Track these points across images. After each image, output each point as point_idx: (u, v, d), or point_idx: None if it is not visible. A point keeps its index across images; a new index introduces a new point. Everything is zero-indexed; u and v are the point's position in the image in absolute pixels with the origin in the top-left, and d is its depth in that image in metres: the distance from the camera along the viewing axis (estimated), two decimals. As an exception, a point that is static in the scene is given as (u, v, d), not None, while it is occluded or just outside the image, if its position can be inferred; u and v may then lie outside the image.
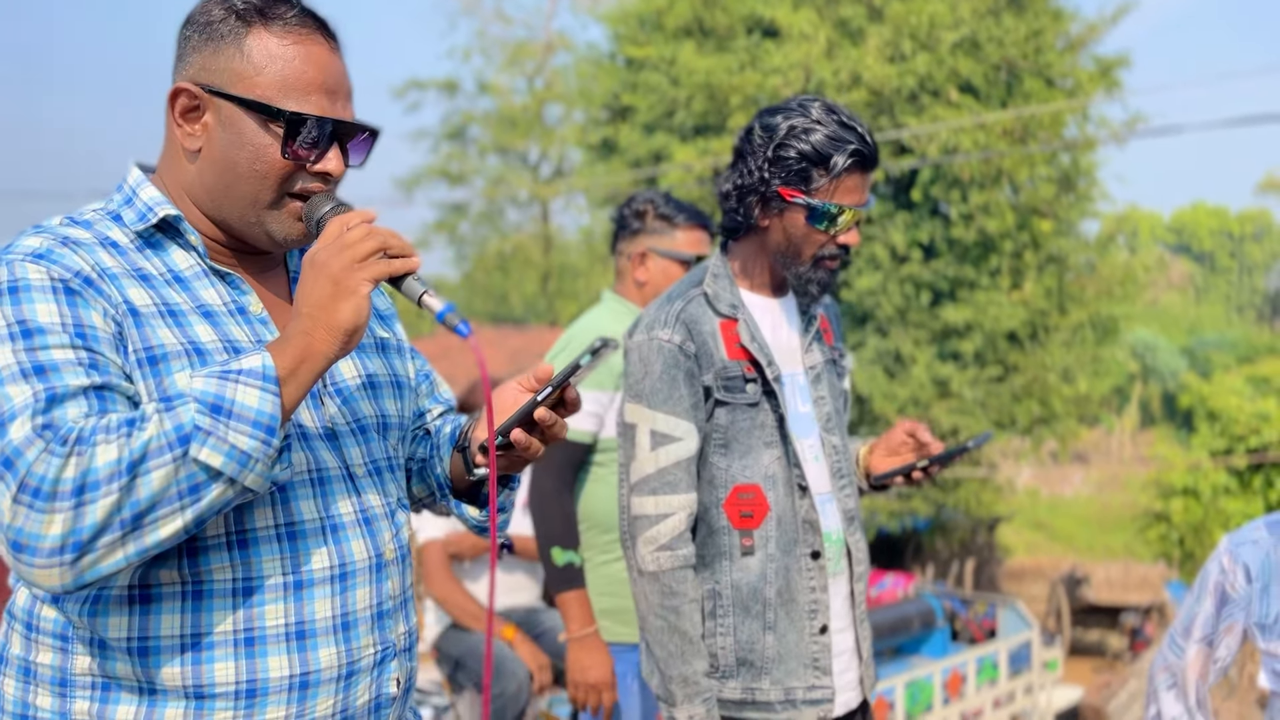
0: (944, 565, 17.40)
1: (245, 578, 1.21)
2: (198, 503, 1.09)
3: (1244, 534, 2.03)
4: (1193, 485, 18.37)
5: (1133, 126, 14.69)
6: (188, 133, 1.27)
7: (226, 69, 1.25)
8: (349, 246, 1.16)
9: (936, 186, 13.84)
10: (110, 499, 1.05)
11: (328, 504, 1.27)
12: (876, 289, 13.78)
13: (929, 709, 6.53)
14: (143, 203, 1.27)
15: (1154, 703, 2.11)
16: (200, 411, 1.08)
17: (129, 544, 1.07)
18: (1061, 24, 14.33)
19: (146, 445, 1.06)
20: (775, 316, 2.03)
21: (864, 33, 13.88)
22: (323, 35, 1.28)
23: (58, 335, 1.12)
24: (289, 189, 1.26)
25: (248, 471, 1.10)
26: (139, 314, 1.20)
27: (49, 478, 1.04)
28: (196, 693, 1.19)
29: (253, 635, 1.21)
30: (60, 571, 1.06)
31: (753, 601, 1.92)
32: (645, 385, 1.91)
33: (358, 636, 1.28)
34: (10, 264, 1.16)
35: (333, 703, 1.26)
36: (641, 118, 15.10)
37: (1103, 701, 7.13)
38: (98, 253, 1.21)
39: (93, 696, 1.20)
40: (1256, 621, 1.97)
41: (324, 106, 1.26)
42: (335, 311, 1.14)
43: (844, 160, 1.87)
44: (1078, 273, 15.26)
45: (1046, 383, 14.28)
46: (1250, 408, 18.45)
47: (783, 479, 1.95)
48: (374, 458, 1.35)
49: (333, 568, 1.26)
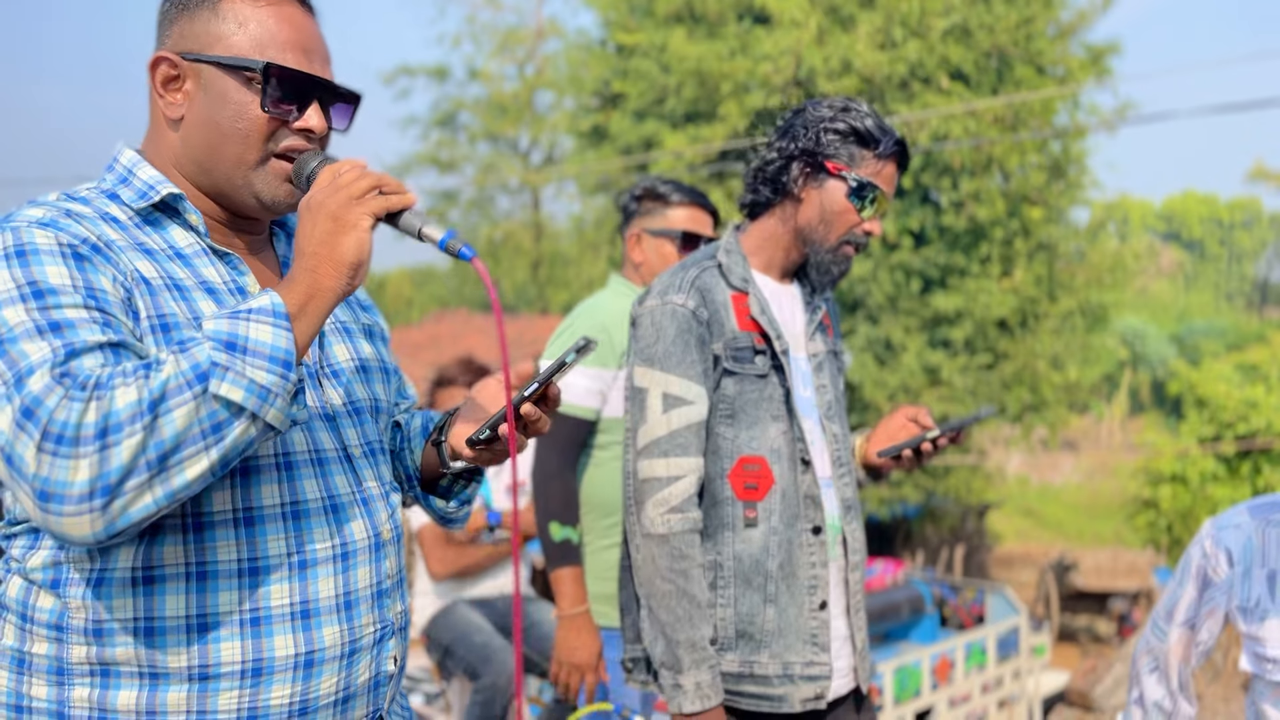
0: (934, 552, 17.48)
1: (250, 557, 1.21)
2: (221, 441, 1.09)
3: (1226, 519, 2.05)
4: (1181, 472, 18.45)
5: (1123, 114, 14.71)
6: (169, 102, 1.28)
7: (203, 33, 1.27)
8: (345, 186, 1.18)
9: (927, 174, 13.84)
10: (134, 439, 1.04)
11: (329, 484, 1.29)
12: (867, 276, 13.79)
13: (917, 694, 6.57)
14: (142, 181, 1.28)
15: (1136, 686, 2.13)
16: (216, 349, 1.08)
17: (156, 486, 1.07)
18: (1052, 11, 14.32)
19: (165, 384, 1.06)
20: (782, 300, 2.05)
21: (855, 19, 13.85)
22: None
23: (70, 295, 1.13)
24: (273, 148, 1.28)
25: (268, 406, 1.10)
26: (149, 284, 1.21)
27: (71, 423, 1.04)
28: (201, 674, 1.19)
29: (258, 615, 1.21)
30: (91, 519, 1.05)
31: (754, 574, 1.93)
32: (658, 349, 1.92)
33: (359, 615, 1.29)
34: (15, 230, 1.16)
35: (335, 681, 1.27)
36: (632, 104, 15.06)
37: (1089, 686, 7.17)
38: (101, 226, 1.22)
39: (92, 684, 1.19)
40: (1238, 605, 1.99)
41: (301, 63, 1.28)
42: (338, 246, 1.16)
43: (890, 145, 1.97)
44: (1068, 260, 15.30)
45: (1036, 370, 14.33)
46: (1239, 395, 18.53)
47: (787, 453, 1.96)
48: (368, 439, 1.37)
49: (335, 547, 1.28)
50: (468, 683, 3.58)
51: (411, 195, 1.21)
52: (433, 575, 3.68)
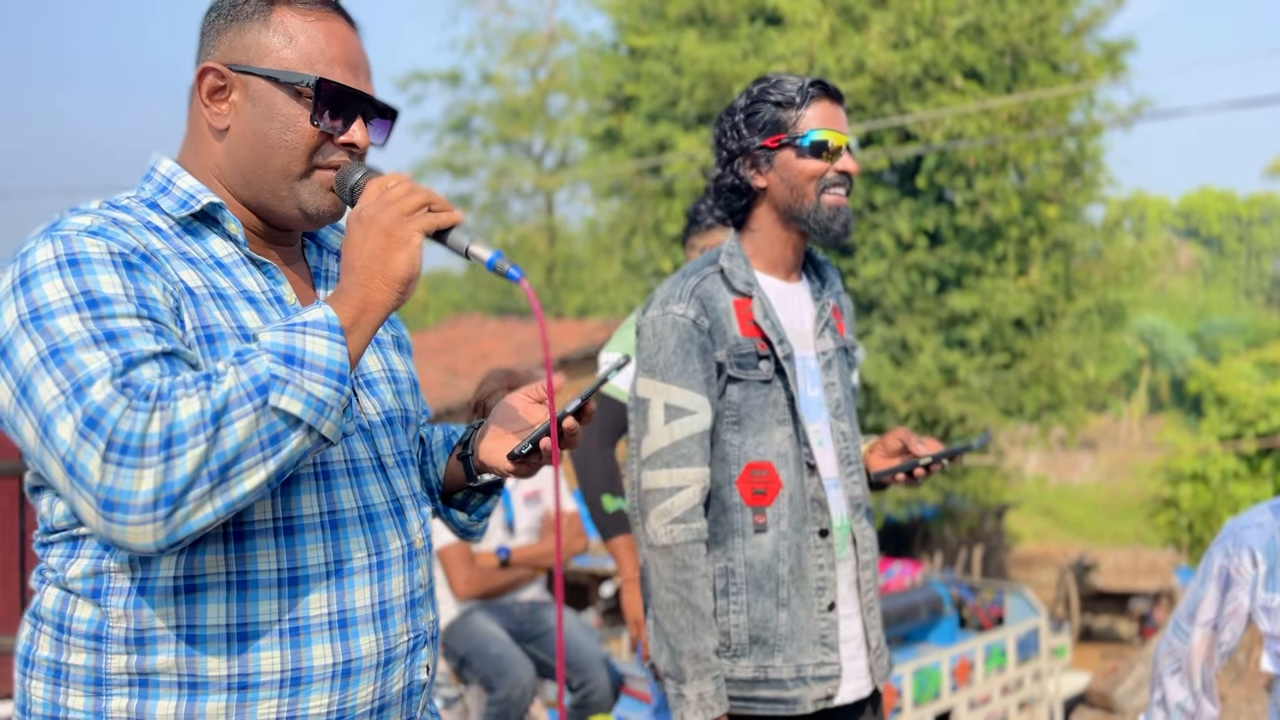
0: (952, 553, 17.41)
1: (290, 566, 1.22)
2: (279, 453, 1.10)
3: (1249, 518, 2.03)
4: (1202, 471, 18.32)
5: (1139, 111, 14.63)
6: (215, 112, 1.29)
7: (253, 45, 1.28)
8: (395, 201, 1.19)
9: (941, 173, 13.80)
10: (198, 450, 1.05)
11: (364, 493, 1.29)
12: (882, 277, 13.75)
13: (937, 696, 6.54)
14: (182, 190, 1.28)
15: (1159, 687, 2.11)
16: (275, 361, 1.09)
17: (217, 497, 1.08)
18: (1066, 8, 14.26)
19: (227, 396, 1.07)
20: (789, 300, 2.03)
21: (867, 19, 13.82)
22: (341, 15, 1.32)
23: (123, 305, 1.13)
24: (318, 161, 1.29)
25: (324, 419, 1.12)
26: (194, 294, 1.21)
27: (136, 433, 1.04)
28: (241, 683, 1.19)
29: (297, 624, 1.22)
30: (154, 528, 1.06)
31: (766, 579, 1.93)
32: (659, 359, 1.92)
33: (394, 624, 1.30)
34: (66, 238, 1.16)
35: (372, 690, 1.27)
36: (645, 107, 15.07)
37: (1109, 687, 7.13)
38: (146, 234, 1.22)
39: (130, 694, 1.19)
40: (1261, 605, 1.97)
41: (348, 79, 1.29)
42: (390, 262, 1.17)
43: (806, 90, 1.98)
44: (1084, 258, 15.21)
45: (1054, 369, 14.25)
46: (1259, 392, 18.38)
47: (794, 457, 1.95)
48: (400, 449, 1.38)
49: (370, 556, 1.28)
50: (483, 691, 3.59)
51: (458, 214, 1.22)
52: (457, 596, 3.68)
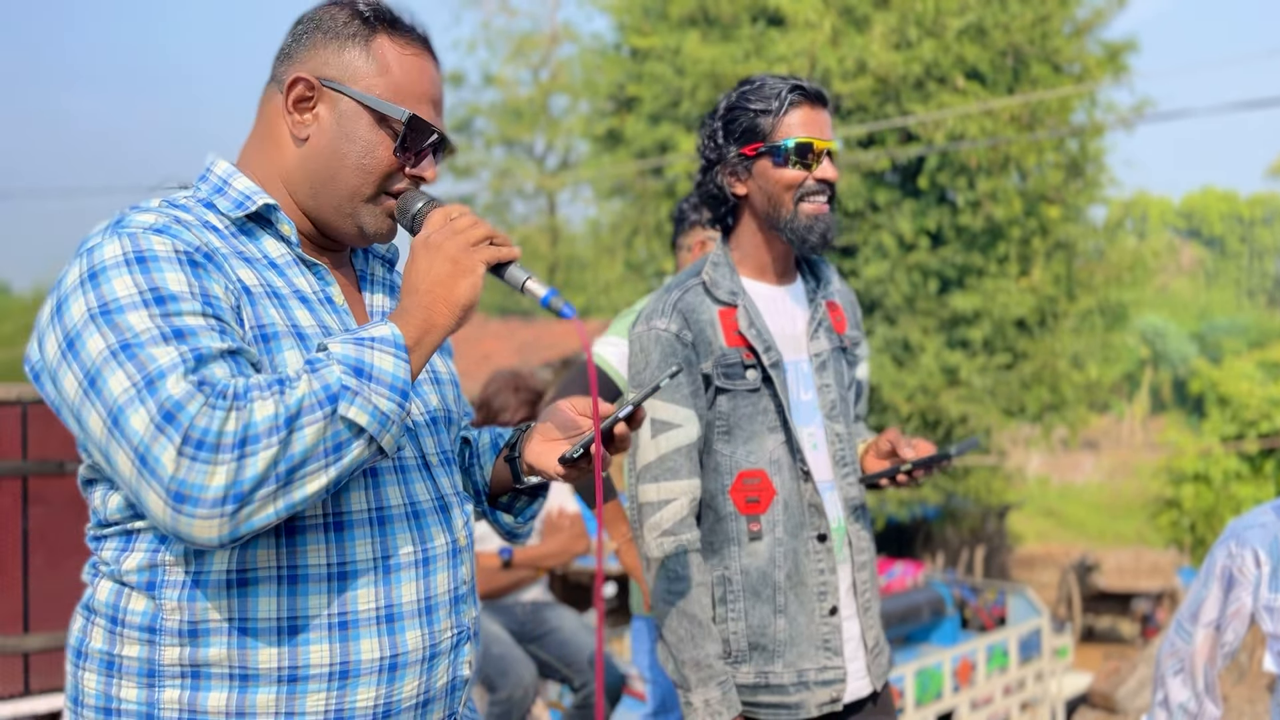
0: (954, 553, 17.40)
1: (339, 562, 1.25)
2: (340, 460, 1.14)
3: (1251, 518, 2.03)
4: (1204, 471, 18.30)
5: (1141, 111, 14.62)
6: (298, 121, 1.32)
7: (349, 66, 1.31)
8: (461, 231, 1.24)
9: (943, 174, 13.79)
10: (270, 452, 1.09)
11: (410, 491, 1.32)
12: (884, 277, 13.75)
13: (939, 697, 6.54)
14: (238, 191, 1.31)
15: (1161, 688, 2.11)
16: (345, 373, 1.13)
17: (279, 499, 1.11)
18: (1068, 9, 14.25)
19: (300, 402, 1.11)
20: (779, 304, 2.03)
21: (869, 20, 13.82)
22: (431, 54, 1.37)
23: (189, 302, 1.16)
24: (386, 186, 1.33)
25: (386, 431, 1.16)
26: (251, 292, 1.25)
27: (213, 430, 1.07)
28: (290, 675, 1.22)
29: (346, 619, 1.24)
30: (220, 523, 1.09)
31: (763, 586, 1.93)
32: (645, 375, 1.94)
33: (439, 620, 1.32)
34: (133, 236, 1.19)
35: (417, 684, 1.30)
36: (647, 108, 15.07)
37: (1112, 688, 7.12)
38: (205, 234, 1.25)
39: (183, 685, 1.21)
40: (1265, 605, 1.97)
41: (431, 118, 1.34)
42: (454, 288, 1.22)
43: (784, 97, 1.94)
44: (1086, 259, 15.20)
45: (1056, 369, 14.24)
46: (1261, 393, 18.37)
47: (787, 464, 1.96)
48: (444, 448, 1.41)
49: (416, 553, 1.31)
50: (486, 693, 3.59)
51: (518, 249, 1.28)
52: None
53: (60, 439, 4.37)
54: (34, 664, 4.25)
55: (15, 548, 4.25)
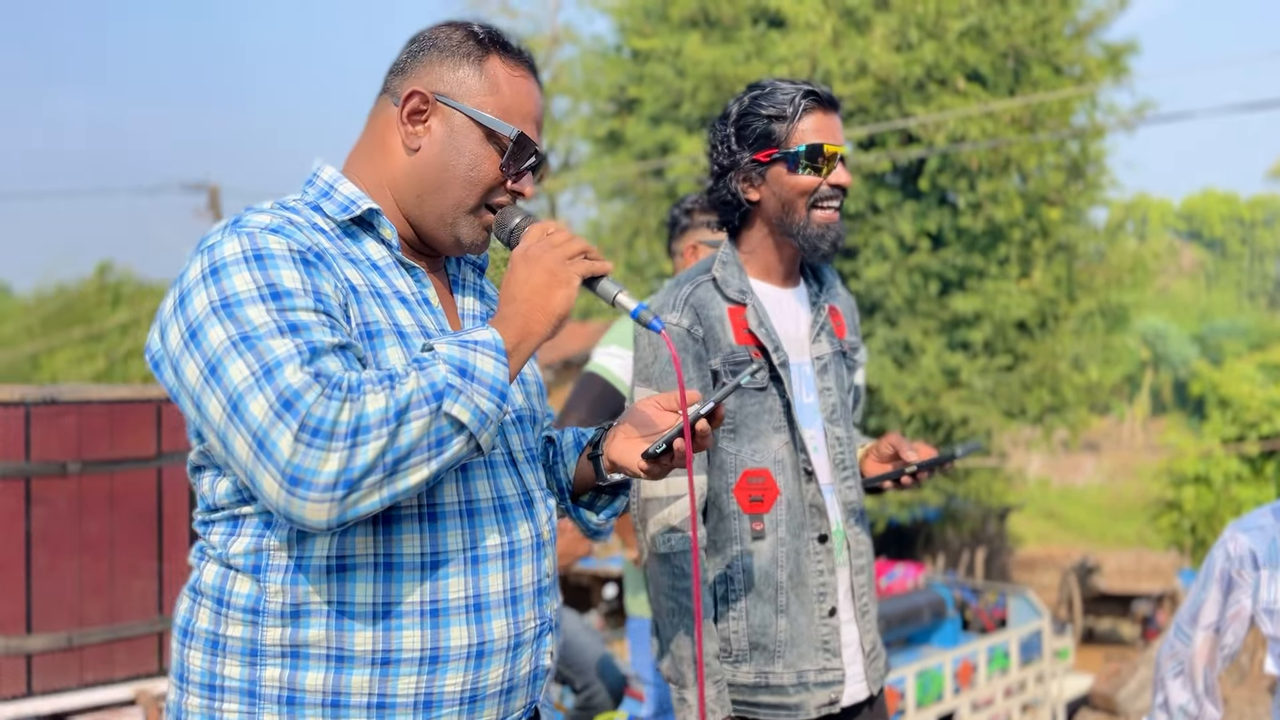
0: (955, 555, 17.39)
1: (432, 551, 1.31)
2: (441, 454, 1.20)
3: (1249, 520, 2.04)
4: (1204, 473, 18.30)
5: (1141, 113, 14.62)
6: (411, 132, 1.39)
7: (462, 83, 1.39)
8: (558, 245, 1.33)
9: (944, 175, 13.80)
10: (379, 442, 1.15)
11: (497, 485, 1.39)
12: (885, 279, 13.75)
13: (939, 699, 6.54)
14: (344, 196, 1.39)
15: (1161, 690, 2.11)
16: (451, 372, 1.21)
17: (384, 487, 1.18)
18: (1069, 11, 14.26)
19: (410, 397, 1.17)
20: (783, 306, 2.03)
21: (870, 22, 13.83)
22: (536, 77, 1.45)
23: (303, 299, 1.23)
24: (488, 199, 1.41)
25: (484, 430, 1.23)
26: (357, 291, 1.32)
27: (328, 419, 1.14)
28: (384, 659, 1.28)
29: (437, 606, 1.30)
30: (329, 507, 1.16)
31: (764, 585, 1.94)
32: (654, 369, 1.93)
33: (523, 610, 1.38)
34: (251, 235, 1.26)
35: (502, 672, 1.35)
36: (648, 110, 15.08)
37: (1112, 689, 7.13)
38: (315, 234, 1.33)
39: (283, 665, 1.28)
40: (1264, 608, 1.97)
41: (535, 137, 1.43)
42: (550, 298, 1.30)
43: (798, 103, 1.94)
44: (1087, 261, 15.20)
45: (1057, 371, 14.24)
46: (1262, 394, 18.36)
47: (790, 464, 1.96)
48: (529, 446, 1.48)
49: (503, 544, 1.37)
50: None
51: (609, 263, 1.36)
52: None
53: (63, 440, 4.38)
54: (36, 665, 4.26)
55: (18, 549, 4.26)
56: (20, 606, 4.30)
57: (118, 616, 4.55)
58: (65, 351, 24.84)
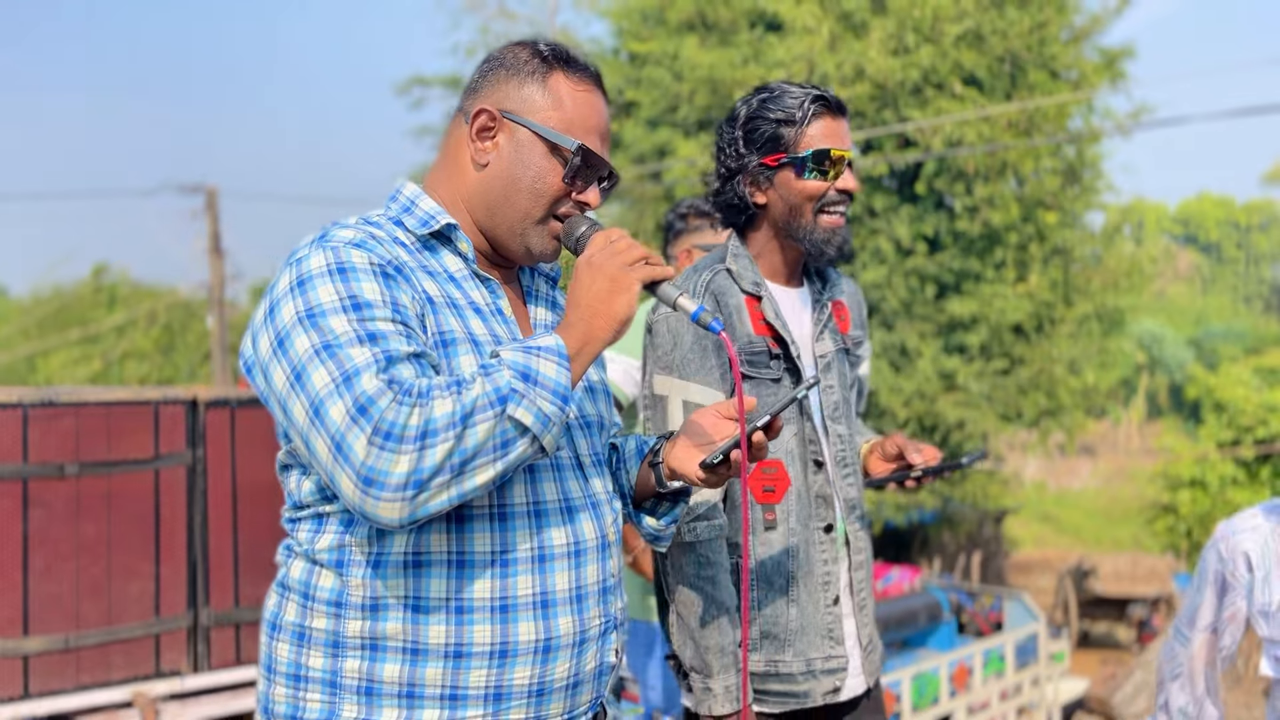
0: (951, 558, 17.40)
1: (501, 550, 1.37)
2: (507, 456, 1.26)
3: (1240, 521, 2.04)
4: (1200, 477, 18.32)
5: (1138, 118, 14.65)
6: (480, 148, 1.47)
7: (527, 100, 1.46)
8: (620, 253, 1.38)
9: (941, 179, 13.82)
10: (447, 445, 1.22)
11: (564, 487, 1.45)
12: (881, 282, 13.77)
13: (935, 702, 6.54)
14: (424, 211, 1.46)
15: (1162, 692, 2.12)
16: (515, 377, 1.27)
17: (453, 487, 1.24)
18: (1065, 16, 14.29)
19: (475, 401, 1.24)
20: (788, 304, 2.05)
21: (867, 25, 13.85)
22: (601, 90, 1.52)
23: (382, 310, 1.30)
24: (555, 210, 1.47)
25: (547, 432, 1.29)
26: (433, 302, 1.39)
27: (399, 423, 1.21)
28: (456, 652, 1.34)
29: (506, 603, 1.36)
30: (401, 505, 1.22)
31: (776, 575, 1.95)
32: (676, 356, 1.93)
33: (588, 608, 1.44)
34: (335, 249, 1.34)
35: (568, 667, 1.41)
36: (645, 113, 15.09)
37: (1108, 693, 7.14)
38: (395, 249, 1.40)
39: (362, 656, 1.35)
40: (1259, 609, 1.98)
41: (599, 149, 1.49)
42: (613, 303, 1.36)
43: (807, 108, 1.95)
44: (1083, 264, 15.22)
45: (1053, 375, 14.25)
46: (1257, 398, 18.40)
47: (799, 454, 1.98)
48: (596, 450, 1.54)
49: (569, 544, 1.42)
50: None
51: (670, 269, 1.41)
52: None
53: (60, 442, 4.37)
54: (33, 666, 4.26)
55: (15, 551, 4.26)
56: (17, 608, 4.30)
57: (115, 618, 4.54)
58: (61, 353, 24.80)
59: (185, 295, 22.93)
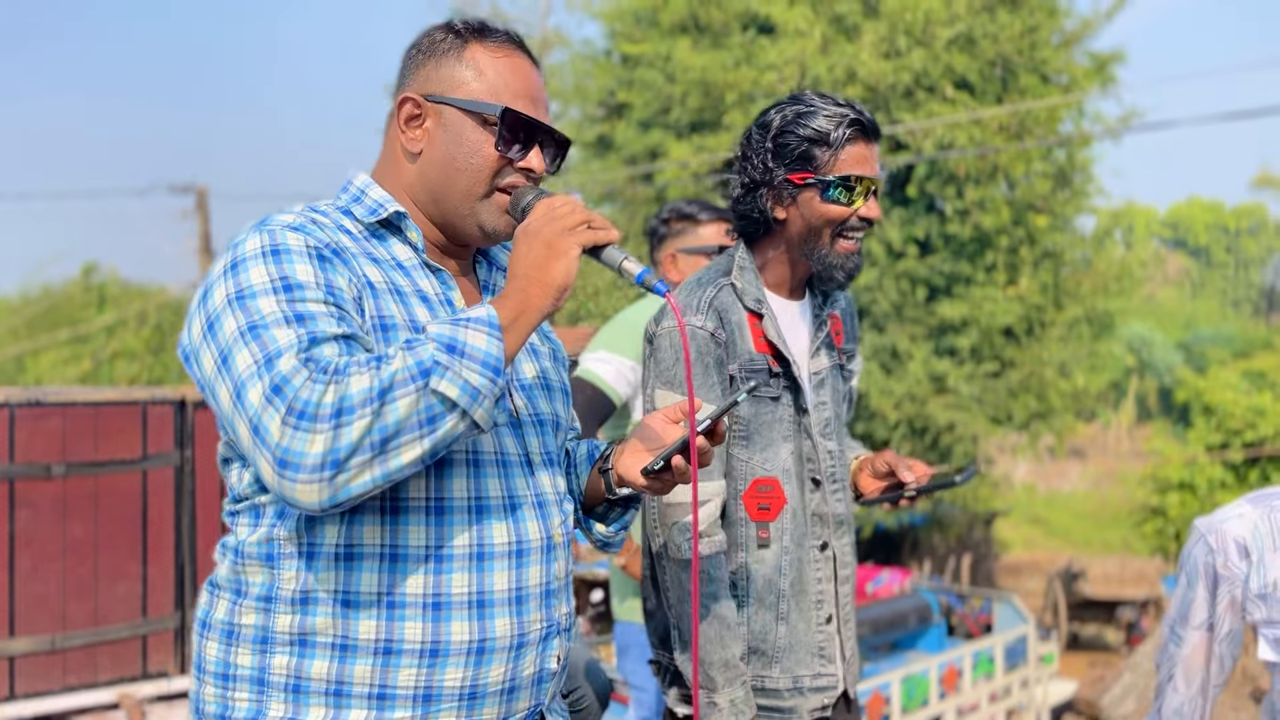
0: (941, 560, 17.43)
1: (437, 545, 1.32)
2: (434, 432, 1.21)
3: (1224, 512, 2.03)
4: (1189, 480, 18.38)
5: (1128, 122, 14.71)
6: (410, 137, 1.44)
7: (447, 78, 1.43)
8: (559, 218, 1.33)
9: (932, 182, 13.85)
10: (364, 422, 1.17)
11: (509, 485, 1.40)
12: (872, 285, 13.79)
13: (925, 704, 6.55)
14: (373, 200, 1.44)
15: (1160, 696, 2.12)
16: (438, 349, 1.22)
17: (376, 466, 1.20)
18: (1056, 20, 14.34)
19: (394, 375, 1.19)
20: (788, 318, 2.03)
21: (859, 29, 13.88)
22: (525, 52, 1.48)
23: (313, 291, 1.27)
24: (498, 183, 1.43)
25: (477, 406, 1.24)
26: (374, 288, 1.35)
27: (313, 401, 1.17)
28: (385, 648, 1.31)
29: (439, 600, 1.32)
30: (320, 487, 1.19)
31: (767, 593, 1.95)
32: (678, 371, 1.91)
33: (529, 611, 1.39)
34: (271, 231, 1.31)
35: (503, 671, 1.36)
36: (637, 114, 15.09)
37: (1096, 695, 7.16)
38: (338, 234, 1.37)
39: (291, 652, 1.32)
40: (1256, 593, 1.96)
41: (529, 110, 1.44)
42: (549, 270, 1.31)
43: (843, 131, 1.90)
44: (1074, 268, 15.27)
45: (1043, 378, 14.30)
46: (1246, 402, 18.48)
47: (796, 472, 1.97)
48: (548, 449, 1.49)
49: (511, 543, 1.38)
50: None
51: (615, 232, 1.36)
52: None
53: (47, 442, 4.35)
54: (19, 668, 4.23)
55: (1, 551, 4.23)
56: (3, 609, 4.27)
57: (101, 620, 4.52)
58: (50, 353, 24.69)
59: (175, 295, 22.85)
